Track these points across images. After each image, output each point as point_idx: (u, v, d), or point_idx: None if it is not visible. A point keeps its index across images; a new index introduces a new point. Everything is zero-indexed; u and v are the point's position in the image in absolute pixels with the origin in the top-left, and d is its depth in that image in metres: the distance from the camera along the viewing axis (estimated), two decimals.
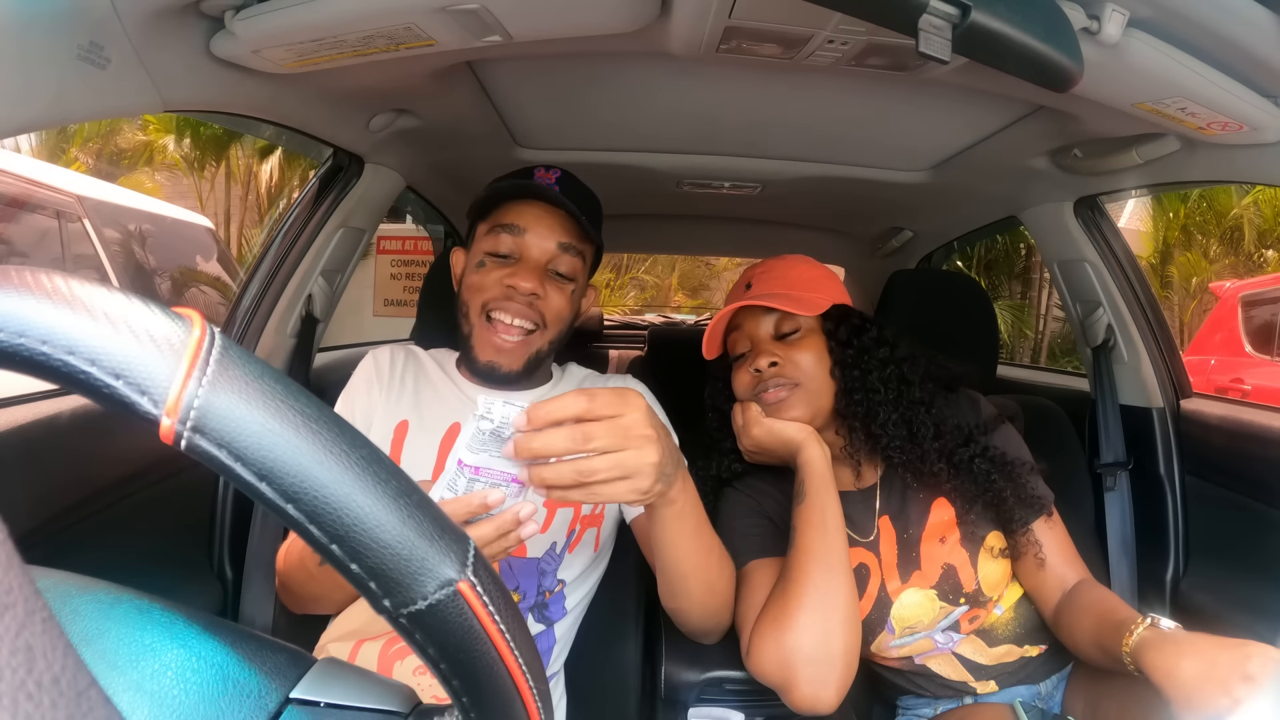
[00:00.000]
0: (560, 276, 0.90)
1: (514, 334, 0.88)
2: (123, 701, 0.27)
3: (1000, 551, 0.93)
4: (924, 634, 0.93)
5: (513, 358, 0.89)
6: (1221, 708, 0.61)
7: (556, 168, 0.93)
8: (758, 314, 0.97)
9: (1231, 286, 4.98)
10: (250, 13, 0.70)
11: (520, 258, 0.89)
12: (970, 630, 0.94)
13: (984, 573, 0.92)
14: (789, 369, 0.93)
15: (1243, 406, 1.22)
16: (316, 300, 1.24)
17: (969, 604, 0.92)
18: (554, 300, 0.89)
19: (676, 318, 5.47)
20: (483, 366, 0.90)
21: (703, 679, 0.99)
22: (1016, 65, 0.59)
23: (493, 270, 0.88)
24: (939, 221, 1.78)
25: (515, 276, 0.87)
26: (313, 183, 1.25)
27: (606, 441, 0.56)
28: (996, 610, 0.94)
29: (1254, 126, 0.80)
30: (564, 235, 0.89)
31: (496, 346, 0.88)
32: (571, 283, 0.92)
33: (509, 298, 0.87)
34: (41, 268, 0.24)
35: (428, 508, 0.28)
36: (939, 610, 0.91)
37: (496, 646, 0.28)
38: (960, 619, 0.92)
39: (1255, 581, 1.07)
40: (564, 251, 0.89)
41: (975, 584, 0.91)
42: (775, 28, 0.78)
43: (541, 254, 0.89)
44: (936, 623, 0.92)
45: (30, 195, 2.97)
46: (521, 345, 0.89)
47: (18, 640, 0.16)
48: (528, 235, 0.88)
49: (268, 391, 0.25)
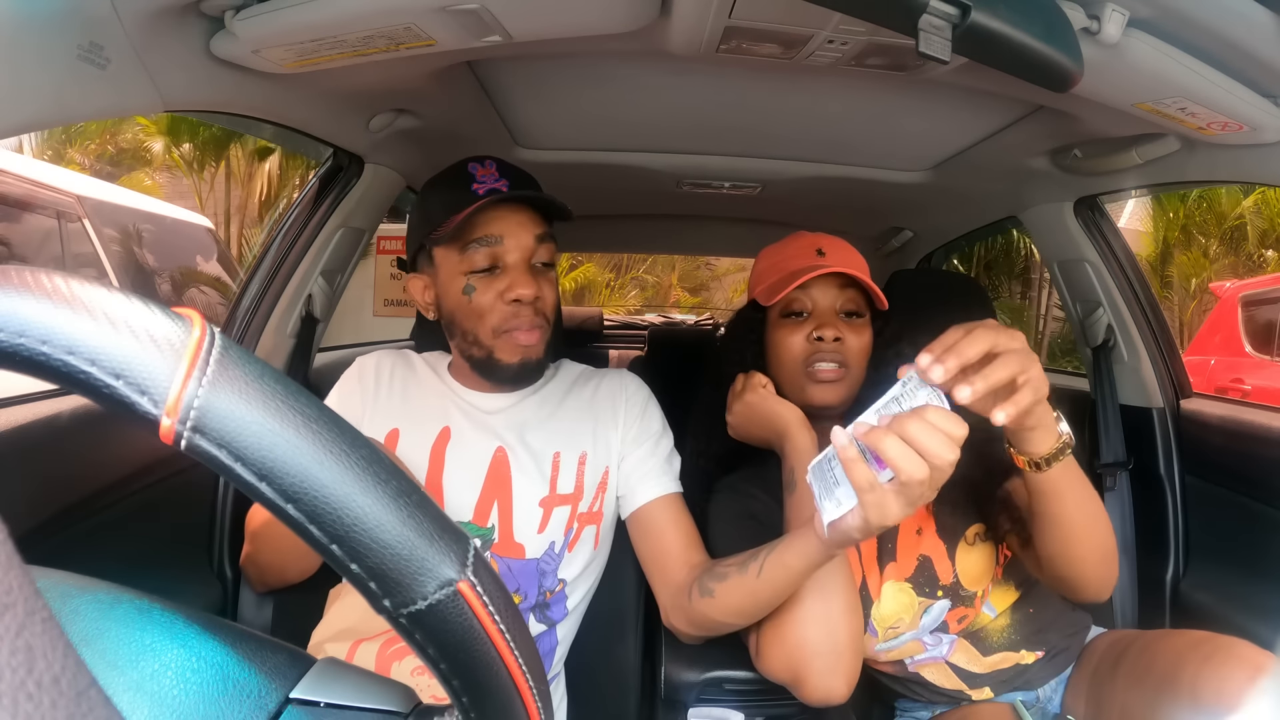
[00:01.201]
0: (545, 266, 0.89)
1: (533, 335, 0.87)
2: (123, 701, 0.27)
3: (978, 537, 0.93)
4: (909, 635, 0.92)
5: (538, 348, 0.88)
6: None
7: (490, 159, 0.90)
8: (829, 283, 0.94)
9: (1231, 286, 4.98)
10: (250, 13, 0.70)
11: (504, 265, 0.86)
12: (959, 631, 0.93)
13: (962, 565, 0.91)
14: (846, 350, 0.92)
15: (1243, 406, 1.22)
16: (316, 300, 1.24)
17: (949, 598, 0.91)
18: (549, 294, 0.89)
19: (677, 317, 5.48)
20: (517, 368, 0.88)
21: (703, 679, 0.99)
22: (1016, 65, 0.59)
23: (485, 290, 0.85)
24: (939, 221, 1.78)
25: (514, 288, 0.84)
26: (313, 183, 1.25)
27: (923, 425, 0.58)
28: (988, 612, 0.93)
29: (1254, 126, 0.80)
30: (537, 226, 0.87)
31: (525, 344, 0.87)
32: (552, 268, 0.91)
33: (516, 314, 0.85)
34: (41, 268, 0.24)
35: (428, 507, 0.28)
36: (917, 605, 0.91)
37: (496, 646, 0.28)
38: (947, 618, 0.92)
39: (1255, 581, 1.07)
40: (542, 242, 0.88)
41: (953, 576, 0.91)
42: (775, 28, 0.78)
43: (525, 254, 0.86)
44: (918, 619, 0.91)
45: (30, 195, 2.97)
46: (540, 336, 0.88)
47: (18, 640, 0.16)
48: (506, 241, 0.85)
49: (268, 391, 0.25)
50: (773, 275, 0.98)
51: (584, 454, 0.91)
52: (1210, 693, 0.73)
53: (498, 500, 0.87)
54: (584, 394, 0.96)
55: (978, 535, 0.93)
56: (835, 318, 0.94)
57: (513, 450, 0.89)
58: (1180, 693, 0.76)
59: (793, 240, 1.02)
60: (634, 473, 0.92)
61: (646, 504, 0.91)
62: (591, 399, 0.96)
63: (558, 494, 0.89)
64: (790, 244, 1.01)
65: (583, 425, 0.93)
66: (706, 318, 4.96)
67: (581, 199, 1.76)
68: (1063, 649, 0.95)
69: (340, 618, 0.85)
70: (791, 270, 0.95)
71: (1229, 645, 0.78)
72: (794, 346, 0.94)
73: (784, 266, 0.97)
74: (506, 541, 0.86)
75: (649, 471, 0.92)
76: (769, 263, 1.01)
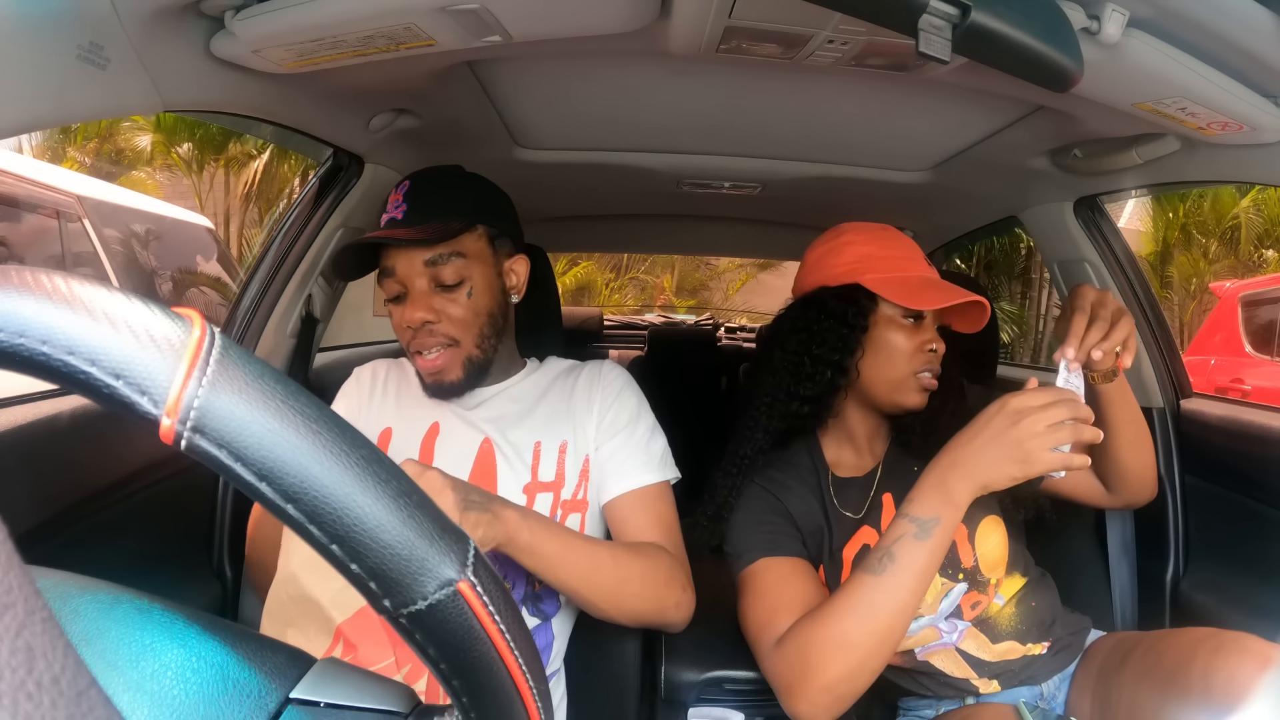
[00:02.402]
0: (447, 287, 0.90)
1: (434, 362, 0.90)
2: (123, 701, 0.27)
3: (995, 523, 0.94)
4: (928, 619, 0.92)
5: (447, 371, 0.91)
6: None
7: (407, 179, 0.93)
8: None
9: (1231, 286, 4.97)
10: (250, 13, 0.70)
11: (407, 291, 0.90)
12: (972, 617, 0.94)
13: (982, 550, 0.93)
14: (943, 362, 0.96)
15: (1243, 406, 1.22)
16: (316, 300, 1.24)
17: (968, 582, 0.92)
18: (451, 313, 0.90)
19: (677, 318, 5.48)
20: (433, 387, 0.93)
21: (703, 679, 0.99)
22: (1016, 65, 0.59)
23: (395, 316, 0.92)
24: (939, 221, 1.78)
25: (405, 313, 0.89)
26: (313, 183, 1.25)
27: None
28: (997, 600, 0.94)
29: (1254, 126, 0.80)
30: (426, 252, 0.88)
31: (428, 371, 0.91)
32: (463, 285, 0.90)
33: (415, 336, 0.90)
34: (41, 267, 0.24)
35: (428, 508, 0.28)
36: (940, 587, 0.92)
37: (496, 646, 0.28)
38: (961, 603, 0.93)
39: (1255, 581, 1.07)
40: (435, 265, 0.89)
41: (973, 560, 0.92)
42: (775, 28, 0.78)
43: (420, 280, 0.89)
44: (938, 603, 0.92)
45: (30, 195, 2.97)
46: (446, 358, 0.90)
47: (18, 640, 0.16)
48: (398, 271, 0.89)
49: (268, 391, 0.25)
50: (890, 270, 0.94)
51: (564, 443, 0.93)
52: (1222, 684, 0.73)
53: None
54: (565, 386, 0.98)
55: (994, 521, 0.95)
56: (935, 330, 0.96)
57: (497, 442, 0.91)
58: (1191, 685, 0.76)
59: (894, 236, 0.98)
60: (606, 464, 0.93)
61: (615, 498, 0.92)
62: (571, 390, 0.97)
63: (539, 481, 0.91)
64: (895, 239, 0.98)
65: (562, 415, 0.95)
66: (706, 318, 4.96)
67: (581, 199, 1.78)
68: (1067, 645, 0.96)
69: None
70: (923, 276, 0.94)
71: (1238, 638, 0.78)
72: (909, 351, 0.93)
73: (905, 267, 0.95)
74: None
75: (620, 464, 0.93)
76: (877, 252, 0.95)
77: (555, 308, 1.25)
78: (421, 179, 0.94)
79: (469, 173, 0.99)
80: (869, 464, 1.00)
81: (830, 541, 0.95)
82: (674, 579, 0.87)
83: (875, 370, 0.94)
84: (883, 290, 0.92)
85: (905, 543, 0.77)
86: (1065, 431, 0.74)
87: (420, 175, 0.95)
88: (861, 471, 1.00)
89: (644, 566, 0.85)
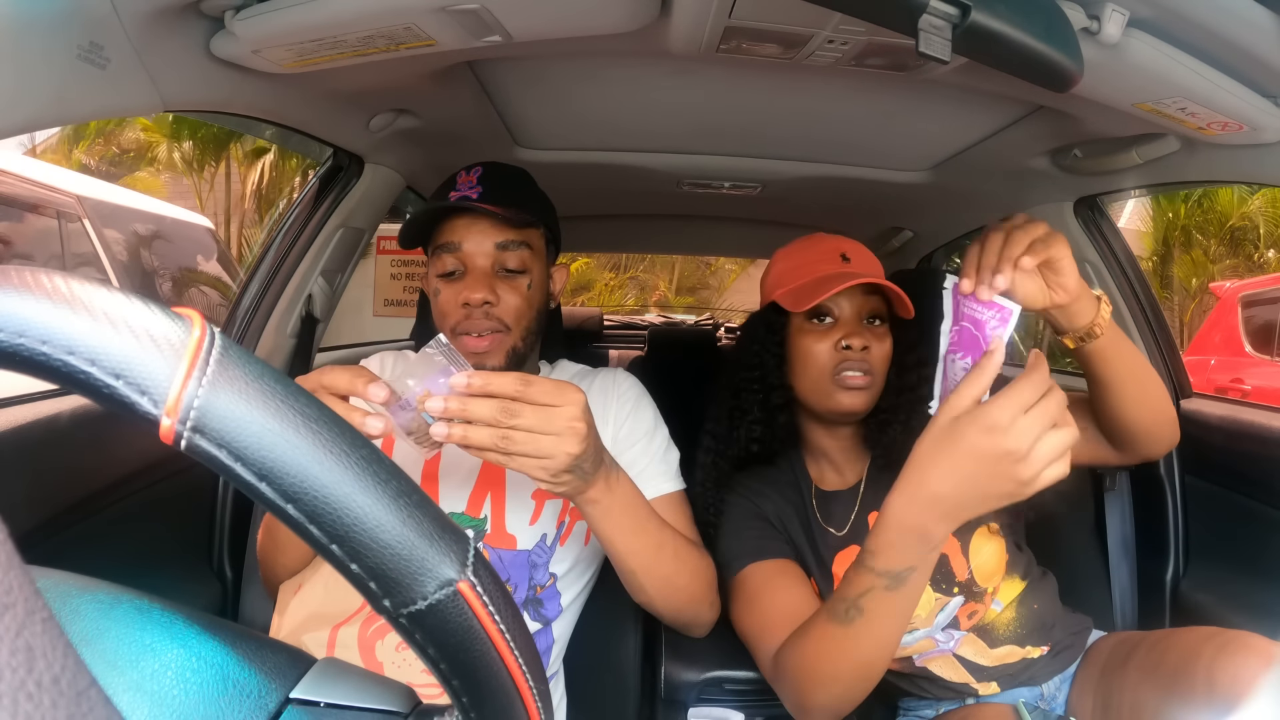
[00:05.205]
0: (511, 273, 0.90)
1: (482, 343, 0.89)
2: (123, 701, 0.27)
3: (989, 533, 0.93)
4: (923, 632, 0.92)
5: (491, 355, 0.90)
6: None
7: (479, 165, 0.93)
8: (854, 289, 0.94)
9: (1231, 287, 4.97)
10: (250, 13, 0.70)
11: (466, 270, 0.89)
12: (969, 627, 0.93)
13: (976, 561, 0.92)
14: (872, 358, 0.93)
15: (1243, 406, 1.22)
16: (316, 300, 1.24)
17: (964, 594, 0.92)
18: (509, 300, 0.89)
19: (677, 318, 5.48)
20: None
21: (703, 679, 0.99)
22: (1016, 65, 0.59)
23: (446, 293, 0.90)
24: (939, 221, 1.78)
25: (465, 290, 0.88)
26: (313, 183, 1.25)
27: (530, 421, 0.61)
28: (995, 606, 0.94)
29: (1254, 126, 0.80)
30: (499, 234, 0.89)
31: (471, 351, 0.90)
32: (525, 275, 0.91)
33: (468, 315, 0.89)
34: (41, 267, 0.24)
35: (428, 507, 0.28)
36: (934, 602, 0.91)
37: (496, 646, 0.28)
38: (958, 614, 0.92)
39: (1255, 581, 1.06)
40: (505, 249, 0.89)
41: (968, 572, 0.91)
42: (775, 28, 0.78)
43: (484, 260, 0.89)
44: (933, 616, 0.92)
45: (30, 195, 2.97)
46: (493, 342, 0.89)
47: (18, 640, 0.16)
48: (465, 246, 0.88)
49: (268, 391, 0.25)
50: (796, 279, 0.97)
51: None
52: (1227, 682, 0.73)
53: (491, 492, 0.88)
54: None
55: (988, 531, 0.94)
56: (860, 325, 0.94)
57: None
58: (1196, 683, 0.76)
59: (812, 243, 1.00)
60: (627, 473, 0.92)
61: None
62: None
63: None
64: (810, 247, 1.00)
65: None
66: (706, 318, 4.96)
67: (582, 199, 1.77)
68: (1067, 646, 0.95)
69: (303, 605, 0.85)
70: (819, 276, 0.94)
71: (1242, 637, 0.78)
72: (822, 354, 0.93)
73: (809, 271, 0.96)
74: (499, 532, 0.86)
75: (640, 473, 0.92)
76: (789, 265, 0.99)
77: (555, 308, 1.25)
78: (495, 168, 0.94)
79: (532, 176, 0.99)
80: (852, 479, 1.00)
81: (815, 553, 0.95)
82: (713, 583, 0.89)
83: (799, 379, 0.96)
84: (783, 300, 0.96)
85: (875, 595, 0.66)
86: (1065, 435, 0.59)
87: (493, 165, 0.94)
88: (845, 485, 1.00)
89: (696, 564, 0.86)
